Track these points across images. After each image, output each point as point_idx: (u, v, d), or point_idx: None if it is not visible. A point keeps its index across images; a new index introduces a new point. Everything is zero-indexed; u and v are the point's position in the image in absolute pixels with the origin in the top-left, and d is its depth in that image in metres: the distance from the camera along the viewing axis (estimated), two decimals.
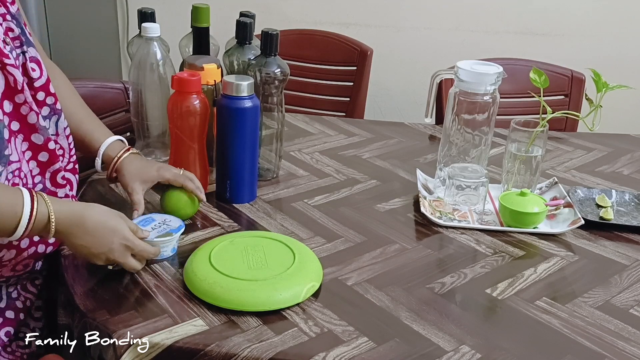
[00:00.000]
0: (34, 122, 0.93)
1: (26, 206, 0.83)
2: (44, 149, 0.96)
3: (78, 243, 0.88)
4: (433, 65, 1.62)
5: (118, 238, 0.90)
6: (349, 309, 0.91)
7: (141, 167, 1.10)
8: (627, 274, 1.04)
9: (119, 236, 0.90)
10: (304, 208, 1.19)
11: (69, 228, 0.87)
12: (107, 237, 0.89)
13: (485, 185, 1.20)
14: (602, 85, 1.21)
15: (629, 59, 2.44)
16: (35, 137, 0.94)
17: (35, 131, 0.94)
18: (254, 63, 1.21)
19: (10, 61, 0.88)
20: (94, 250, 0.89)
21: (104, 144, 1.10)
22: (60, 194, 0.99)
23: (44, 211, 0.84)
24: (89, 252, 0.89)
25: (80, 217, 0.87)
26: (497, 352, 0.84)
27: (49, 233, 0.85)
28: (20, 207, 0.83)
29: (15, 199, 0.83)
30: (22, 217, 0.83)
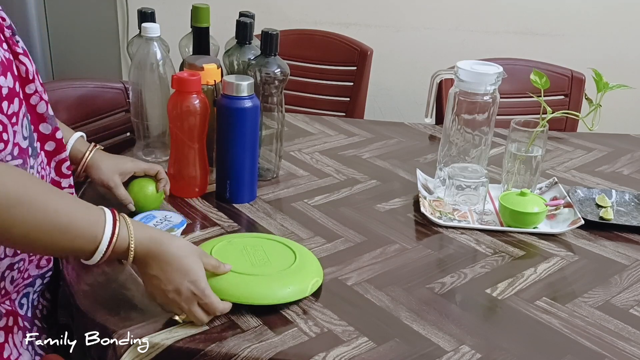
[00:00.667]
0: (43, 111, 0.90)
1: (108, 228, 0.77)
2: (52, 139, 0.92)
3: (150, 273, 0.81)
4: (433, 65, 1.62)
5: (188, 281, 0.82)
6: (349, 309, 0.91)
7: (115, 160, 1.09)
8: (627, 274, 1.04)
9: (190, 279, 0.82)
10: (304, 208, 1.19)
11: (145, 257, 0.81)
12: (178, 275, 0.82)
13: (485, 185, 1.20)
14: (602, 85, 1.21)
15: (629, 59, 2.44)
16: (44, 126, 0.91)
17: (44, 120, 0.91)
18: (254, 63, 1.21)
19: (19, 50, 0.86)
20: (161, 285, 0.82)
21: (69, 142, 1.05)
22: (64, 184, 0.97)
23: (124, 234, 0.78)
24: (157, 285, 0.82)
25: (158, 248, 0.81)
26: (497, 352, 0.84)
27: (127, 258, 0.80)
28: (100, 230, 0.77)
29: (97, 217, 0.77)
30: (101, 242, 0.77)
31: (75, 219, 0.75)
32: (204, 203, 1.19)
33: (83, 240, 0.76)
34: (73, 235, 0.75)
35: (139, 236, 0.79)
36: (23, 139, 0.84)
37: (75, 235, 0.75)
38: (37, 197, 0.72)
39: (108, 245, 0.77)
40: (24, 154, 0.84)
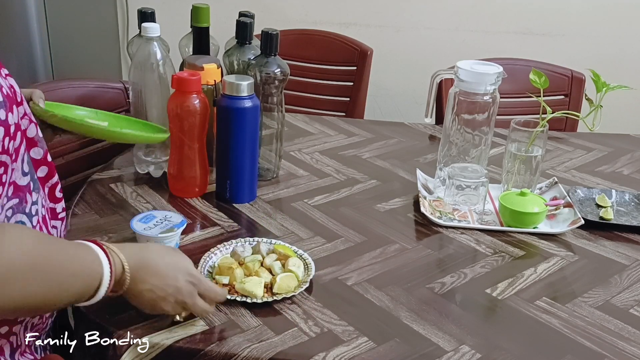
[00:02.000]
0: (34, 135, 0.85)
1: (104, 264, 0.74)
2: (44, 163, 0.88)
3: (142, 288, 0.79)
4: (433, 65, 1.62)
5: (183, 274, 0.81)
6: (349, 309, 0.91)
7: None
8: (627, 274, 1.04)
9: (183, 271, 0.81)
10: (304, 208, 1.19)
11: (137, 273, 0.78)
12: (171, 274, 0.80)
13: (485, 185, 1.20)
14: (601, 85, 1.21)
15: (629, 59, 2.44)
16: (35, 151, 0.86)
17: (35, 145, 0.86)
18: (254, 63, 1.21)
19: (5, 71, 0.80)
20: (160, 292, 0.79)
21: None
22: (58, 208, 0.93)
23: (118, 263, 0.76)
24: (155, 297, 0.80)
25: (141, 258, 0.79)
26: (497, 352, 0.84)
27: (123, 285, 0.77)
28: (100, 267, 0.74)
29: (91, 256, 0.74)
30: (103, 276, 0.74)
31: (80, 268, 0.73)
32: (204, 203, 1.19)
33: (89, 281, 0.74)
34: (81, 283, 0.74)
35: (126, 255, 0.77)
36: (22, 175, 0.80)
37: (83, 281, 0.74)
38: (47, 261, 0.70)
39: (110, 277, 0.75)
40: (21, 191, 0.80)
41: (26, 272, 0.66)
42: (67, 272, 0.72)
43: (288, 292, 0.92)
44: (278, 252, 0.99)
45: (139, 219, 1.02)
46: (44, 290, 0.69)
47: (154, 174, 1.28)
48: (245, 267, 0.96)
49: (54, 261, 0.70)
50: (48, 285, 0.70)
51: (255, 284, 0.91)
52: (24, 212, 0.80)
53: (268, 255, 0.99)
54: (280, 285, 0.92)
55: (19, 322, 0.82)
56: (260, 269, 0.96)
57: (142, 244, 0.85)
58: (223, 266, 0.95)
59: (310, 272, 0.97)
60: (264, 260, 0.98)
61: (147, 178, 1.27)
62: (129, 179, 1.27)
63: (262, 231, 1.11)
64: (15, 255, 0.66)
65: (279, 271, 0.95)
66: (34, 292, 0.68)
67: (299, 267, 0.97)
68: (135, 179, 1.27)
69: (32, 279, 0.68)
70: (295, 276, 0.95)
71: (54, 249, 0.72)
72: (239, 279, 0.93)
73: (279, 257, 0.99)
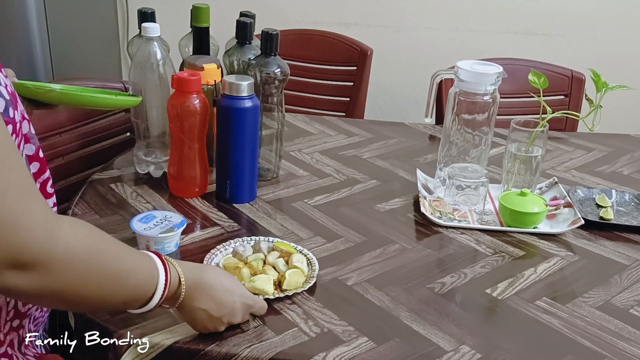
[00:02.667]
0: (27, 131, 0.84)
1: (160, 272, 0.74)
2: (36, 159, 0.87)
3: (197, 307, 0.79)
4: (433, 65, 1.62)
5: (239, 297, 0.83)
6: (349, 309, 0.91)
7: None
8: (627, 274, 1.04)
9: (240, 294, 0.83)
10: (304, 208, 1.19)
11: (193, 291, 0.78)
12: (229, 297, 0.81)
13: (485, 185, 1.20)
14: (601, 85, 1.21)
15: (629, 59, 2.44)
16: (28, 147, 0.86)
17: (28, 141, 0.85)
18: (254, 63, 1.21)
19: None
20: (215, 313, 0.80)
21: None
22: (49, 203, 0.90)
23: (175, 275, 0.76)
24: (208, 317, 0.80)
25: (200, 278, 0.79)
26: (497, 352, 0.84)
27: (177, 300, 0.77)
28: (156, 273, 0.74)
29: (148, 261, 0.75)
30: (157, 284, 0.74)
31: (134, 271, 0.73)
32: (204, 203, 1.19)
33: (143, 287, 0.74)
34: (135, 282, 0.73)
35: (184, 270, 0.78)
36: None
37: (137, 281, 0.73)
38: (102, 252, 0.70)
39: (164, 286, 0.74)
40: None
41: (82, 260, 0.66)
42: (122, 269, 0.72)
43: (297, 288, 0.92)
44: (280, 250, 1.00)
45: (139, 219, 1.02)
46: (97, 283, 0.69)
47: (154, 174, 1.28)
48: (249, 266, 0.96)
49: (108, 255, 0.70)
50: (104, 277, 0.69)
51: (265, 281, 0.92)
52: None
53: (270, 253, 0.99)
54: (290, 281, 0.93)
55: (27, 315, 0.83)
56: (266, 266, 0.96)
57: (200, 264, 0.86)
58: (229, 266, 0.95)
59: (315, 267, 0.97)
60: (267, 258, 0.98)
61: (147, 178, 1.27)
62: (129, 179, 1.27)
63: (262, 231, 1.11)
64: (73, 241, 0.65)
65: (283, 268, 0.96)
66: (87, 283, 0.68)
67: (302, 262, 0.97)
68: (135, 179, 1.27)
69: (87, 268, 0.67)
70: (302, 272, 0.95)
71: (109, 247, 0.72)
72: (246, 278, 0.93)
73: (282, 254, 0.99)
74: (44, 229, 0.62)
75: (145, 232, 0.99)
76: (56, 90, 1.01)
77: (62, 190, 1.27)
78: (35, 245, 0.61)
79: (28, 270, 0.62)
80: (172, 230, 1.00)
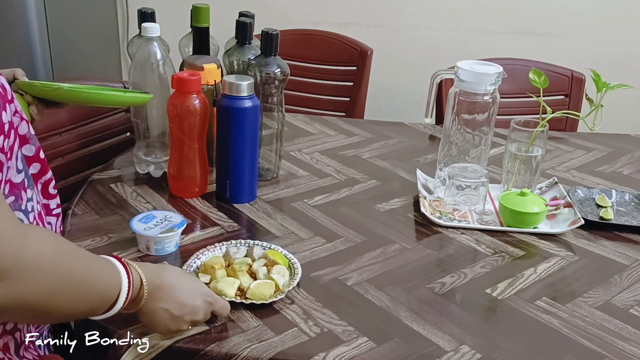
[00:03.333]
0: (25, 132, 0.85)
1: (123, 276, 0.74)
2: (36, 160, 0.88)
3: (158, 306, 0.79)
4: (433, 65, 1.62)
5: (200, 295, 0.83)
6: (349, 309, 0.91)
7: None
8: (627, 274, 1.04)
9: (201, 292, 0.83)
10: (304, 208, 1.19)
11: (155, 291, 0.78)
12: (189, 295, 0.82)
13: (485, 185, 1.20)
14: (602, 85, 1.21)
15: (629, 59, 2.44)
16: (27, 148, 0.86)
17: (27, 142, 0.85)
18: (254, 63, 1.21)
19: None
20: (176, 312, 0.80)
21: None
22: (52, 204, 0.93)
23: (137, 277, 0.76)
24: (170, 316, 0.80)
25: (160, 277, 0.80)
26: (497, 352, 0.84)
27: (139, 302, 0.77)
28: (119, 277, 0.74)
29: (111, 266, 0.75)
30: (121, 288, 0.74)
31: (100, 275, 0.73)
32: (204, 203, 1.19)
33: (108, 291, 0.74)
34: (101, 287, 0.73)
35: (145, 272, 0.78)
36: (17, 173, 0.80)
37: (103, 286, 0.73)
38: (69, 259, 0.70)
39: (127, 289, 0.74)
40: (17, 189, 0.81)
41: (51, 268, 0.66)
42: (88, 275, 0.72)
43: (260, 299, 0.90)
44: (267, 258, 0.99)
45: (139, 219, 1.02)
46: (66, 291, 0.69)
47: (154, 174, 1.28)
48: (231, 269, 0.96)
49: (75, 262, 0.70)
50: (70, 286, 0.69)
51: (228, 284, 0.91)
52: (20, 209, 0.80)
53: (258, 260, 0.99)
54: (254, 291, 0.91)
55: None
56: (241, 272, 0.95)
57: (159, 264, 0.86)
58: (207, 265, 0.96)
59: (292, 283, 0.94)
60: (252, 264, 0.97)
61: (147, 178, 1.27)
62: (129, 179, 1.27)
63: (262, 231, 1.11)
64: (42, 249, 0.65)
65: (262, 277, 0.94)
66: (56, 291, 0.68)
67: (283, 275, 0.95)
68: (135, 179, 1.27)
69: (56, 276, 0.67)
70: (275, 284, 0.93)
71: (75, 252, 0.72)
72: (219, 279, 0.93)
73: (267, 262, 0.98)
74: (13, 237, 0.62)
75: (145, 232, 0.99)
76: (64, 88, 1.01)
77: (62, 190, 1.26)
78: (5, 254, 0.60)
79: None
80: (172, 230, 1.00)
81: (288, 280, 0.95)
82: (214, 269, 0.94)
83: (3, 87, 0.78)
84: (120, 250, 1.01)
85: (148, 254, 1.00)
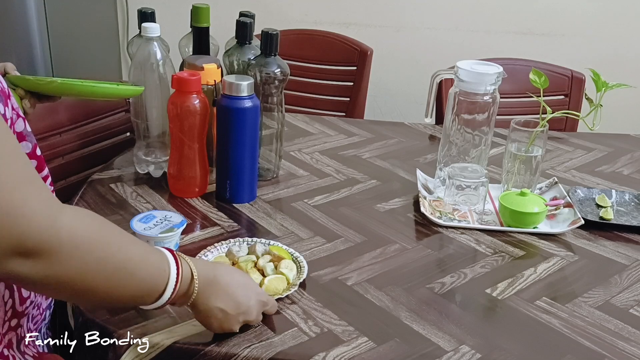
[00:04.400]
0: (22, 129, 0.84)
1: (172, 266, 0.73)
2: (33, 157, 0.87)
3: (214, 305, 0.78)
4: (433, 65, 1.62)
5: (255, 294, 0.82)
6: (349, 309, 0.91)
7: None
8: (627, 274, 1.04)
9: (254, 291, 0.82)
10: (304, 208, 1.19)
11: (207, 288, 0.77)
12: (242, 294, 0.80)
13: (485, 185, 1.20)
14: (601, 85, 1.21)
15: (629, 59, 2.44)
16: (24, 145, 0.85)
17: (23, 139, 0.85)
18: (254, 63, 1.21)
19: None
20: (231, 311, 0.79)
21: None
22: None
23: (187, 270, 0.75)
24: (224, 316, 0.79)
25: (214, 274, 0.78)
26: (497, 352, 0.84)
27: (190, 297, 0.75)
28: (167, 267, 0.72)
29: (158, 254, 0.73)
30: (169, 279, 0.72)
31: (145, 262, 0.72)
32: (204, 203, 1.19)
33: (154, 280, 0.72)
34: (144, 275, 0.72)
35: (197, 266, 0.76)
36: None
37: (146, 274, 0.72)
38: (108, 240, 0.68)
39: (176, 281, 0.73)
40: None
41: (86, 248, 0.65)
42: (129, 259, 0.70)
43: (275, 294, 0.91)
44: (272, 254, 0.99)
45: (139, 219, 1.02)
46: (106, 271, 0.67)
47: (154, 174, 1.28)
48: (237, 267, 0.96)
49: (116, 246, 0.69)
50: (110, 267, 0.68)
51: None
52: None
53: (263, 256, 0.99)
54: (268, 286, 0.91)
55: (24, 314, 0.83)
56: (252, 269, 0.95)
57: (214, 262, 0.85)
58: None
59: (302, 275, 0.96)
60: (258, 261, 0.97)
61: (147, 178, 1.27)
62: (129, 179, 1.27)
63: (262, 231, 1.11)
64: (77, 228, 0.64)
65: (270, 272, 0.95)
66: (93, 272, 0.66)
67: (291, 269, 0.96)
68: (135, 179, 1.27)
69: (92, 255, 0.66)
70: (286, 278, 0.94)
71: (117, 235, 0.70)
72: None
73: (273, 258, 0.98)
74: (46, 215, 0.61)
75: (145, 232, 0.99)
76: (57, 82, 1.01)
77: (62, 190, 1.27)
78: (38, 232, 0.61)
79: (32, 257, 0.61)
80: (172, 230, 1.00)
81: (296, 273, 0.96)
82: None
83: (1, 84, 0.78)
84: None
85: None
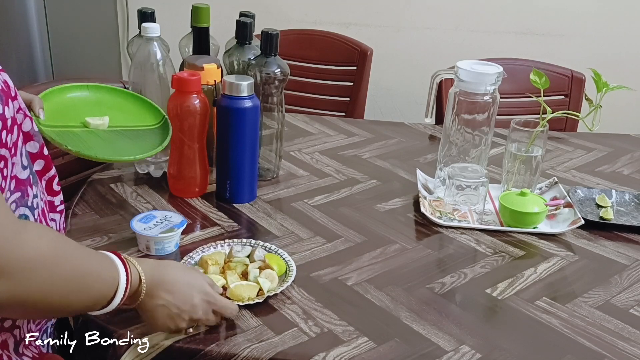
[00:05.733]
0: (29, 129, 0.85)
1: (121, 273, 0.74)
2: (40, 157, 0.88)
3: (157, 304, 0.79)
4: (433, 65, 1.62)
5: (199, 292, 0.82)
6: (349, 309, 0.91)
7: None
8: (627, 274, 1.04)
9: (200, 290, 0.82)
10: (304, 208, 1.19)
11: (153, 287, 0.78)
12: (187, 292, 0.80)
13: (485, 185, 1.20)
14: (602, 85, 1.21)
15: (629, 59, 2.44)
16: (31, 145, 0.86)
17: (31, 139, 0.86)
18: (254, 63, 1.21)
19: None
20: (175, 309, 0.79)
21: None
22: (56, 201, 0.93)
23: (135, 274, 0.76)
24: (169, 313, 0.79)
25: (159, 274, 0.79)
26: (497, 352, 0.84)
27: (137, 299, 0.77)
28: (117, 274, 0.74)
29: (109, 261, 0.75)
30: (119, 285, 0.74)
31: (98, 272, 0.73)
32: (204, 203, 1.19)
33: (106, 287, 0.74)
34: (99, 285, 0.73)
35: (144, 268, 0.77)
36: (22, 169, 0.81)
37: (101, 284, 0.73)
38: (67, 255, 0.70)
39: (125, 286, 0.74)
40: (23, 185, 0.81)
41: (48, 265, 0.66)
42: (86, 272, 0.72)
43: (238, 301, 0.89)
44: (263, 261, 0.98)
45: (139, 219, 1.02)
46: (64, 287, 0.69)
47: (154, 174, 1.28)
48: (227, 267, 0.96)
49: (73, 259, 0.70)
50: (68, 282, 0.69)
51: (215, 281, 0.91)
52: (26, 205, 0.81)
53: (256, 262, 0.98)
54: (233, 291, 0.91)
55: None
56: (231, 271, 0.95)
57: (161, 260, 0.86)
58: (203, 259, 0.96)
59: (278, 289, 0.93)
60: (248, 266, 0.97)
61: (147, 178, 1.27)
62: (129, 179, 1.27)
63: (262, 231, 1.11)
64: (40, 246, 0.65)
65: (252, 279, 0.94)
66: (54, 287, 0.68)
67: (271, 280, 0.94)
68: (135, 179, 1.27)
69: (54, 272, 0.67)
70: (257, 287, 0.93)
71: (73, 249, 0.72)
72: (209, 274, 0.93)
73: (262, 265, 0.97)
74: (9, 234, 0.62)
75: (145, 232, 0.99)
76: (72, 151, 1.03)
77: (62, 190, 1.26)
78: (1, 250, 0.60)
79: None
80: (172, 230, 1.00)
81: (276, 285, 0.94)
82: (207, 264, 0.95)
83: (6, 84, 0.78)
84: (121, 250, 1.00)
85: (148, 254, 1.00)
